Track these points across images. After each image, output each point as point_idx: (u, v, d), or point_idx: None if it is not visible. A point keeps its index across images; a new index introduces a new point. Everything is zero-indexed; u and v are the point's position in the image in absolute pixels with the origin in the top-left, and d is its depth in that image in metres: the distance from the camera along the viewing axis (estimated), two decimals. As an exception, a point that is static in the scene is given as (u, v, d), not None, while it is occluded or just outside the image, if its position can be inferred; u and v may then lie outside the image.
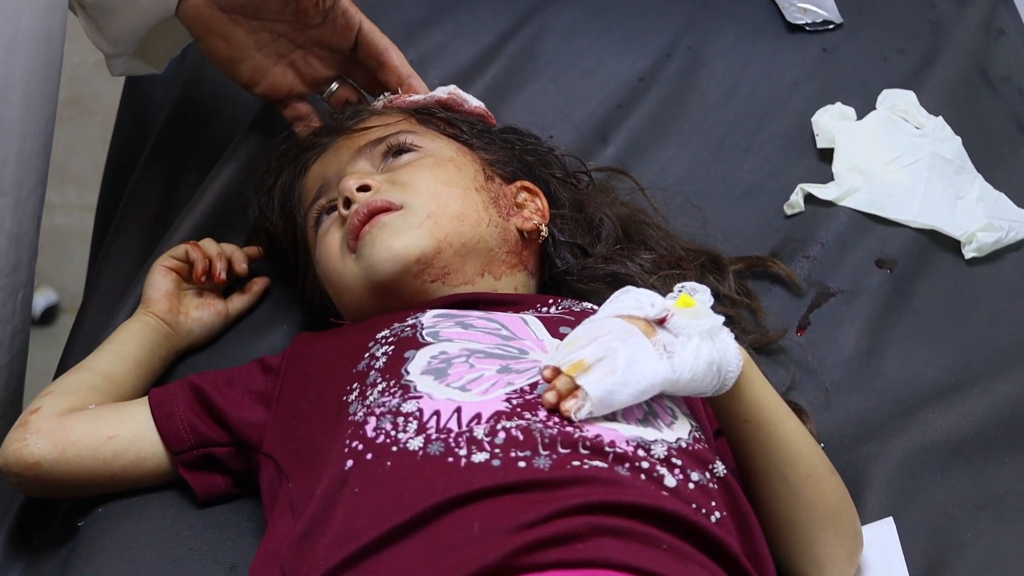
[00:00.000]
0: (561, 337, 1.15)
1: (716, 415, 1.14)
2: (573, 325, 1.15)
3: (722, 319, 1.09)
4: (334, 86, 1.42)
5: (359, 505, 1.03)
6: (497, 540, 0.98)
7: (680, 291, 1.09)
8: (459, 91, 1.39)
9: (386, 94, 1.40)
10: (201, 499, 1.21)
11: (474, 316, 1.19)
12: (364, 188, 1.25)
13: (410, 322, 1.18)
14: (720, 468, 1.09)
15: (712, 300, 1.10)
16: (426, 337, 1.15)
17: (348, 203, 1.25)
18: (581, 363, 1.05)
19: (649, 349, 1.05)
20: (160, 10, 1.34)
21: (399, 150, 1.29)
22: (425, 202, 1.23)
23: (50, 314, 2.59)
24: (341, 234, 1.26)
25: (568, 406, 1.05)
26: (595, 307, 1.23)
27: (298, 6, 1.34)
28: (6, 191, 1.28)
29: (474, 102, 1.40)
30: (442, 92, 1.39)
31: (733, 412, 1.12)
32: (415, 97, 1.38)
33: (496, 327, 1.17)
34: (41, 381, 1.53)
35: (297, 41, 1.37)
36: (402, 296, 1.23)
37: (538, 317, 1.19)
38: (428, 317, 1.19)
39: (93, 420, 1.20)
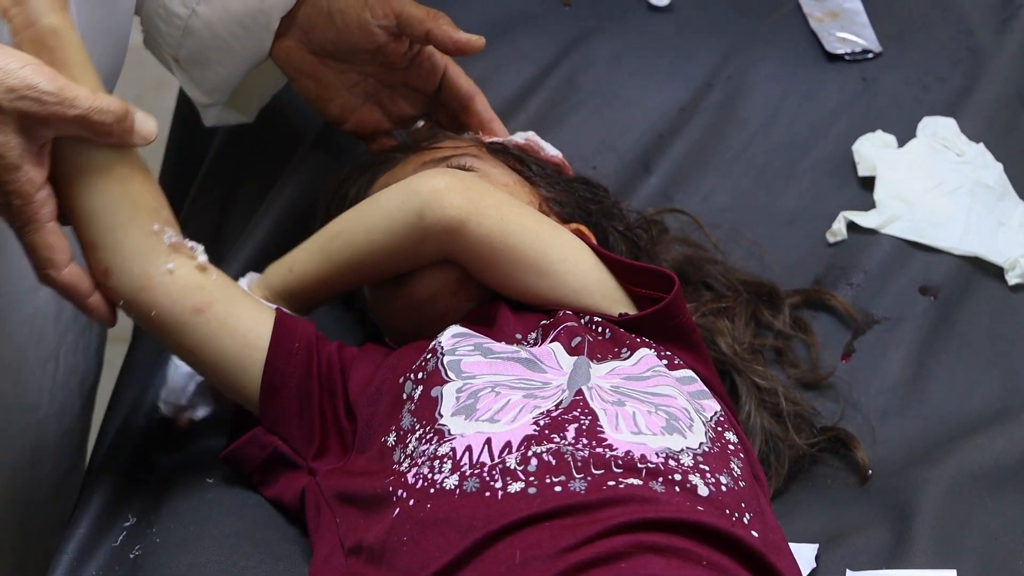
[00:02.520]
0: (572, 349, 1.17)
1: None
2: (581, 332, 1.18)
3: None
4: (419, 123, 1.44)
5: (409, 552, 1.04)
6: (539, 567, 0.99)
7: None
8: (537, 138, 1.41)
9: (468, 134, 1.42)
10: (231, 451, 1.22)
11: (492, 341, 1.20)
12: None
13: (431, 345, 1.19)
14: (737, 468, 1.11)
15: None
16: (449, 372, 1.15)
17: None
18: None
19: None
20: (254, 54, 1.36)
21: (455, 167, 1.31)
22: None
23: (93, 343, 2.61)
24: None
25: None
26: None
27: (386, 58, 1.36)
28: None
29: (551, 151, 1.41)
30: (520, 138, 1.41)
31: None
32: (493, 140, 1.40)
33: (514, 350, 1.18)
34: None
35: (384, 81, 1.40)
36: (437, 312, 1.25)
37: (559, 341, 1.19)
38: (447, 338, 1.19)
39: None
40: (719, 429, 1.14)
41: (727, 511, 1.06)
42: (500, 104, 1.59)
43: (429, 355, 1.18)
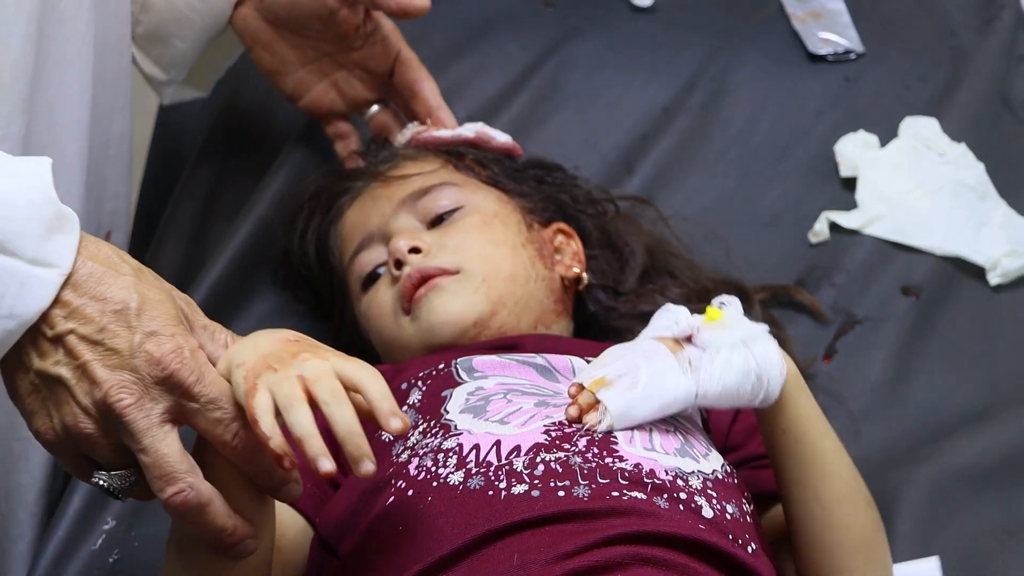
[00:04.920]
0: None
1: (757, 418, 1.14)
2: None
3: (763, 327, 1.11)
4: (374, 109, 1.44)
5: (402, 541, 1.04)
6: (536, 570, 0.99)
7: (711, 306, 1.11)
8: (486, 128, 1.41)
9: (413, 123, 1.41)
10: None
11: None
12: (415, 250, 1.26)
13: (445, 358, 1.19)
14: (747, 506, 1.10)
15: (741, 310, 1.11)
16: (462, 375, 1.16)
17: (399, 264, 1.26)
18: (603, 379, 1.08)
19: (673, 364, 1.08)
20: (213, 26, 1.37)
21: (445, 211, 1.30)
22: (478, 266, 1.25)
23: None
24: (393, 294, 1.27)
25: (589, 419, 1.07)
26: None
27: (339, 29, 1.37)
28: None
29: (501, 138, 1.41)
30: (469, 131, 1.40)
31: (774, 421, 1.12)
32: (443, 133, 1.39)
33: (530, 356, 1.18)
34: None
35: (340, 61, 1.40)
36: (453, 349, 1.24)
37: (585, 360, 1.19)
38: (460, 351, 1.20)
39: None
40: (737, 480, 1.13)
41: (730, 536, 1.05)
42: (483, 105, 1.59)
43: (442, 364, 1.18)
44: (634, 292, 1.34)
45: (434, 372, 1.17)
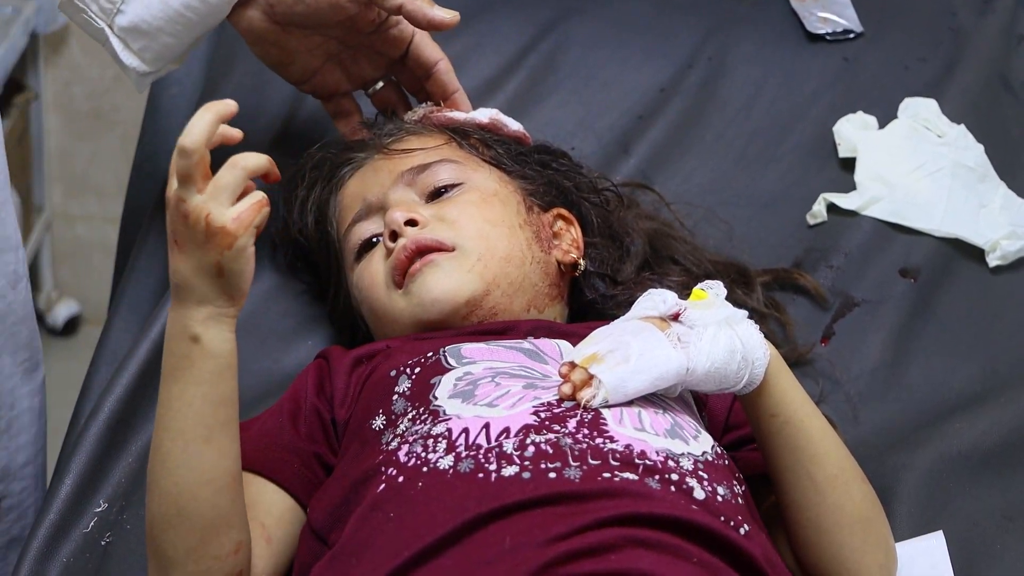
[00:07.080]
0: None
1: (743, 409, 1.15)
2: None
3: (743, 312, 1.12)
4: (379, 85, 1.42)
5: (394, 528, 1.03)
6: (529, 553, 0.99)
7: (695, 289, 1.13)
8: (500, 115, 1.39)
9: (427, 103, 1.40)
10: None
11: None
12: (411, 222, 1.25)
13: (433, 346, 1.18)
14: (738, 488, 1.10)
15: (725, 292, 1.13)
16: (450, 361, 1.15)
17: (394, 236, 1.25)
18: (594, 355, 1.09)
19: (662, 340, 1.08)
20: (209, 24, 1.35)
21: (444, 185, 1.29)
22: (475, 244, 1.24)
23: (72, 325, 2.60)
24: (386, 267, 1.26)
25: (583, 394, 1.08)
26: None
27: (354, 24, 1.35)
28: None
29: (514, 125, 1.40)
30: (483, 116, 1.38)
31: (760, 406, 1.13)
32: (456, 115, 1.38)
33: (517, 341, 1.18)
34: (64, 393, 1.53)
35: (348, 43, 1.39)
36: (445, 328, 1.24)
37: (566, 339, 1.19)
38: (451, 337, 1.19)
39: None
40: (728, 462, 1.13)
41: (722, 518, 1.05)
42: (479, 84, 1.58)
43: (430, 353, 1.17)
44: (632, 280, 1.33)
45: (423, 360, 1.16)
